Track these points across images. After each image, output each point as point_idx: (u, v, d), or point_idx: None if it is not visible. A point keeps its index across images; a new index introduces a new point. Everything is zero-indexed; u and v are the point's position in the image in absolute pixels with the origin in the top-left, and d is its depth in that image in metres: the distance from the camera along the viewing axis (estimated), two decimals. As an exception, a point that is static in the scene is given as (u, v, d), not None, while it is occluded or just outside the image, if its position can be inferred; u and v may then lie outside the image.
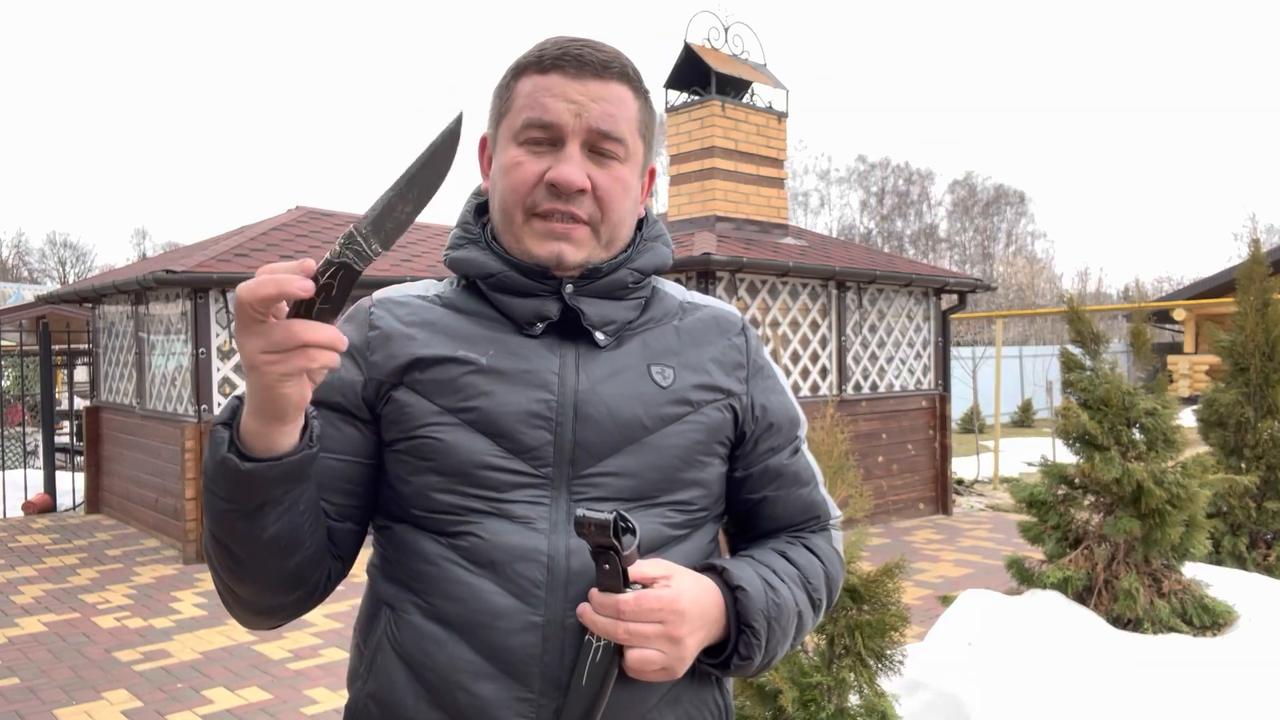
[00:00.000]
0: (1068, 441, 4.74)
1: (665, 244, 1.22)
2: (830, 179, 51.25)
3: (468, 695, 1.03)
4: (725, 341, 1.21)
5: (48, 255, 46.77)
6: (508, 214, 1.12)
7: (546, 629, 1.04)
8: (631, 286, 1.16)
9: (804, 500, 1.25)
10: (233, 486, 0.96)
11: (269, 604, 1.09)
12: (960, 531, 8.42)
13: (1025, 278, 38.20)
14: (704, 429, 1.14)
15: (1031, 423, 19.44)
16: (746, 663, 1.09)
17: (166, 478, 7.75)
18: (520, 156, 1.10)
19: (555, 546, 1.05)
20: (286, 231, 8.73)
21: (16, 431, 13.12)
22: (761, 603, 1.09)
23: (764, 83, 8.79)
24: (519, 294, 1.12)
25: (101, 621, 5.70)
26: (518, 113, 1.11)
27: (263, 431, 0.95)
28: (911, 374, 9.27)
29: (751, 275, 7.71)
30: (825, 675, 2.66)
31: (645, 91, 1.17)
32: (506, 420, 1.07)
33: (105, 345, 9.49)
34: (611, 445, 1.09)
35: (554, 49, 1.11)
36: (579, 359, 1.12)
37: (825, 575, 1.22)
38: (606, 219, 1.11)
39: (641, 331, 1.17)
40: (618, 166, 1.11)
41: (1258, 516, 5.62)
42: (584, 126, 1.09)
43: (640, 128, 1.15)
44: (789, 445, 1.24)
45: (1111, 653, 3.86)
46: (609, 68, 1.11)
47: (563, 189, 1.08)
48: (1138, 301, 26.10)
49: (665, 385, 1.13)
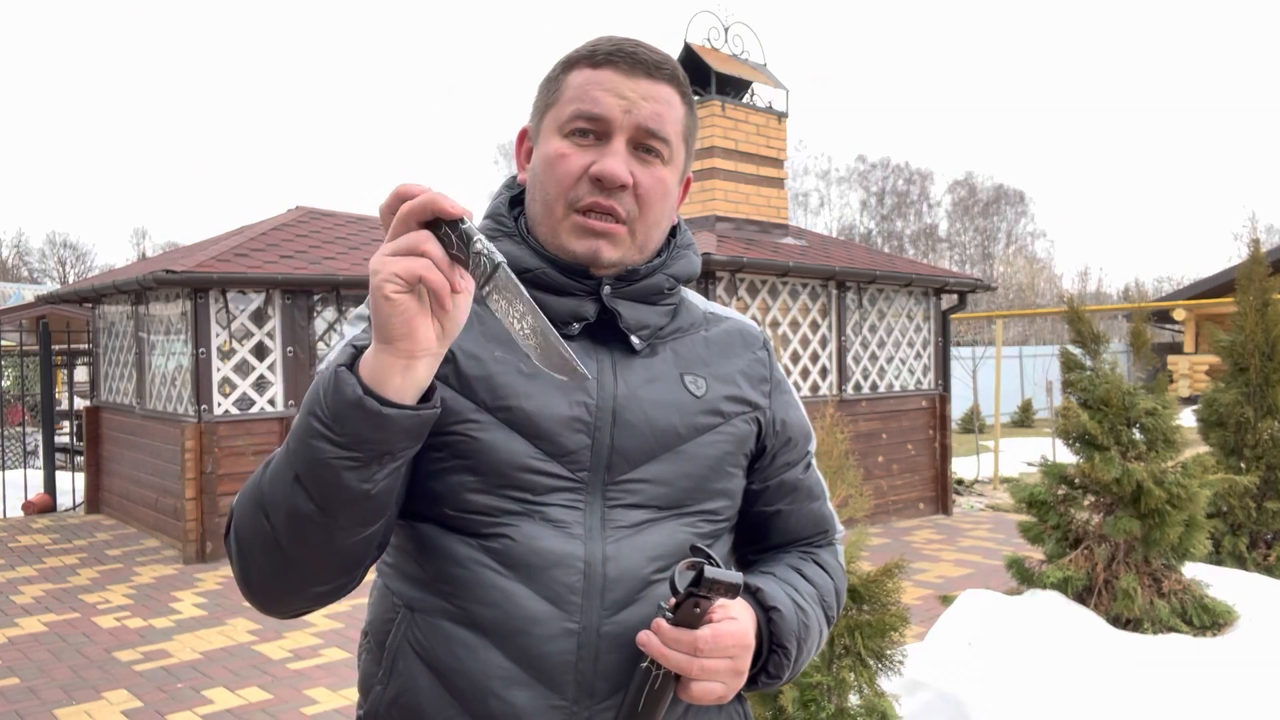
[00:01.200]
0: (1068, 441, 4.74)
1: (695, 253, 1.23)
2: (830, 179, 51.34)
3: (500, 702, 1.01)
4: (750, 355, 1.22)
5: (48, 255, 46.84)
6: (549, 206, 1.10)
7: (582, 636, 1.02)
8: (666, 292, 1.16)
9: (815, 515, 1.27)
10: (365, 429, 0.89)
11: (315, 582, 1.01)
12: (960, 531, 8.42)
13: (1025, 278, 38.21)
14: (733, 440, 1.15)
15: (1031, 423, 19.44)
16: (773, 681, 1.10)
17: (166, 478, 7.75)
18: (565, 148, 1.09)
19: (592, 553, 1.04)
20: (286, 231, 8.72)
21: (16, 431, 13.12)
22: (793, 624, 1.10)
23: (764, 83, 8.79)
24: (556, 292, 1.10)
25: (101, 621, 5.70)
26: (565, 104, 1.10)
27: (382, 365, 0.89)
28: (911, 374, 9.27)
29: (751, 275, 7.71)
30: (825, 675, 2.66)
31: (691, 99, 1.17)
32: (547, 422, 1.06)
33: (105, 345, 9.49)
34: (648, 452, 1.09)
35: (608, 45, 1.10)
36: (615, 364, 1.11)
37: (836, 592, 1.24)
38: (644, 218, 1.11)
39: (672, 340, 1.17)
40: (660, 167, 1.11)
41: (1258, 516, 5.62)
42: (632, 123, 1.08)
43: (684, 132, 1.15)
44: (802, 460, 1.25)
45: (1111, 653, 3.86)
46: (661, 68, 1.11)
47: (607, 182, 1.06)
48: (1138, 301, 26.13)
49: (699, 395, 1.13)
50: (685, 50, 8.42)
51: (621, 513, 1.07)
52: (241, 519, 1.00)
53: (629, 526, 1.07)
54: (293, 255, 7.98)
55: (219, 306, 7.36)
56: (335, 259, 8.13)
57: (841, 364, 8.48)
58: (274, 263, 7.63)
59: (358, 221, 9.71)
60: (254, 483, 1.00)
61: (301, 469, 0.93)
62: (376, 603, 1.14)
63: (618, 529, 1.06)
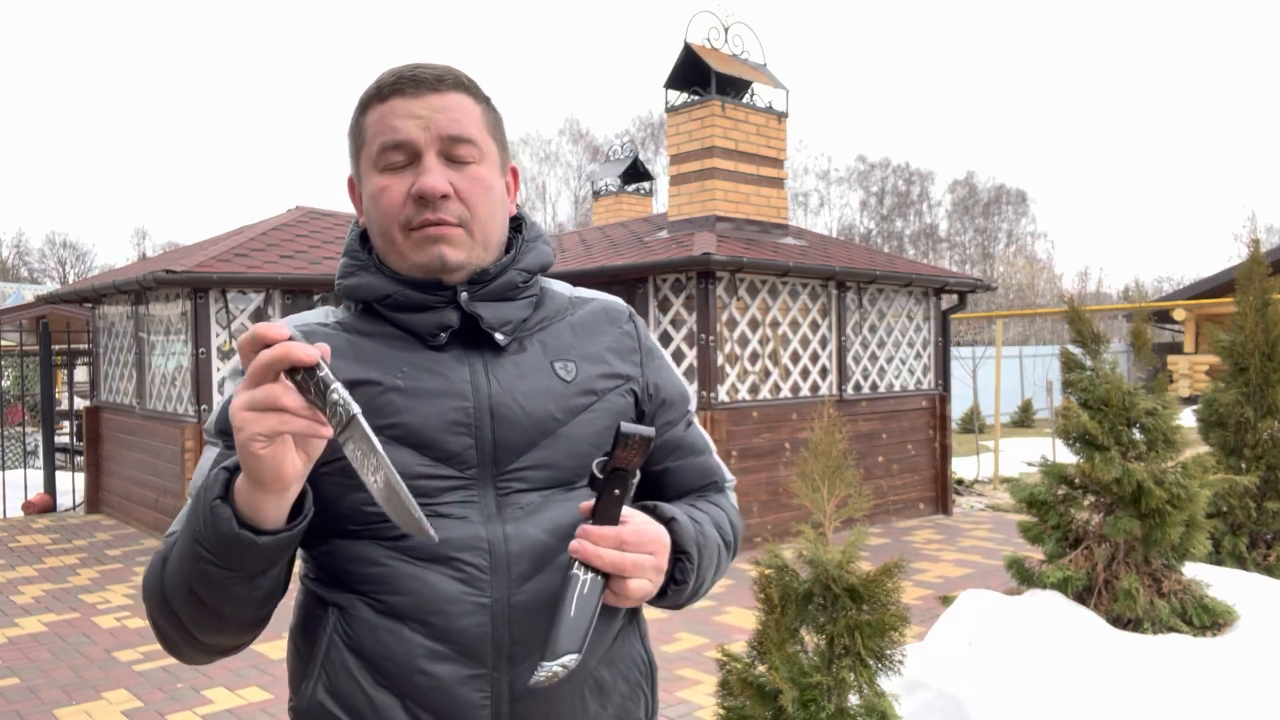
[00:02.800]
0: (1068, 441, 4.74)
1: (545, 243, 1.29)
2: (830, 179, 51.35)
3: (425, 677, 1.10)
4: (616, 330, 1.30)
5: (48, 255, 46.81)
6: (388, 235, 1.17)
7: (495, 608, 1.11)
8: (521, 286, 1.22)
9: (702, 467, 1.36)
10: (246, 558, 0.99)
11: (235, 644, 1.14)
12: (960, 531, 8.42)
13: (1025, 278, 38.21)
14: (610, 414, 1.22)
15: (1031, 423, 19.44)
16: (681, 587, 1.16)
17: (166, 477, 7.75)
18: (384, 180, 1.16)
19: (493, 533, 1.12)
20: (286, 231, 8.73)
21: (16, 431, 13.12)
22: (691, 533, 1.17)
23: (764, 83, 8.79)
24: (417, 309, 1.18)
25: (101, 621, 5.70)
26: (372, 141, 1.17)
27: (255, 500, 0.97)
28: (911, 374, 9.27)
29: (751, 275, 7.71)
30: (825, 675, 2.66)
31: (485, 97, 1.23)
32: (429, 431, 1.13)
33: (105, 345, 9.49)
34: (529, 441, 1.16)
35: (389, 77, 1.17)
36: (486, 365, 1.18)
37: (730, 522, 1.33)
38: (475, 217, 1.17)
39: (538, 332, 1.24)
40: (474, 168, 1.17)
41: (1258, 516, 5.62)
42: (434, 136, 1.15)
43: (489, 129, 1.21)
44: (682, 419, 1.34)
45: (1111, 653, 3.86)
46: (443, 80, 1.17)
47: (428, 197, 1.13)
48: (1138, 301, 26.13)
49: (569, 380, 1.21)
50: (685, 50, 8.42)
51: (515, 497, 1.15)
52: (151, 611, 1.12)
53: (523, 508, 1.15)
54: (293, 255, 7.98)
55: (219, 306, 7.37)
56: (335, 259, 8.13)
57: (841, 364, 8.49)
58: (274, 263, 7.64)
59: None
60: (156, 578, 1.10)
61: (194, 583, 1.03)
62: (301, 605, 1.22)
63: (514, 510, 1.14)
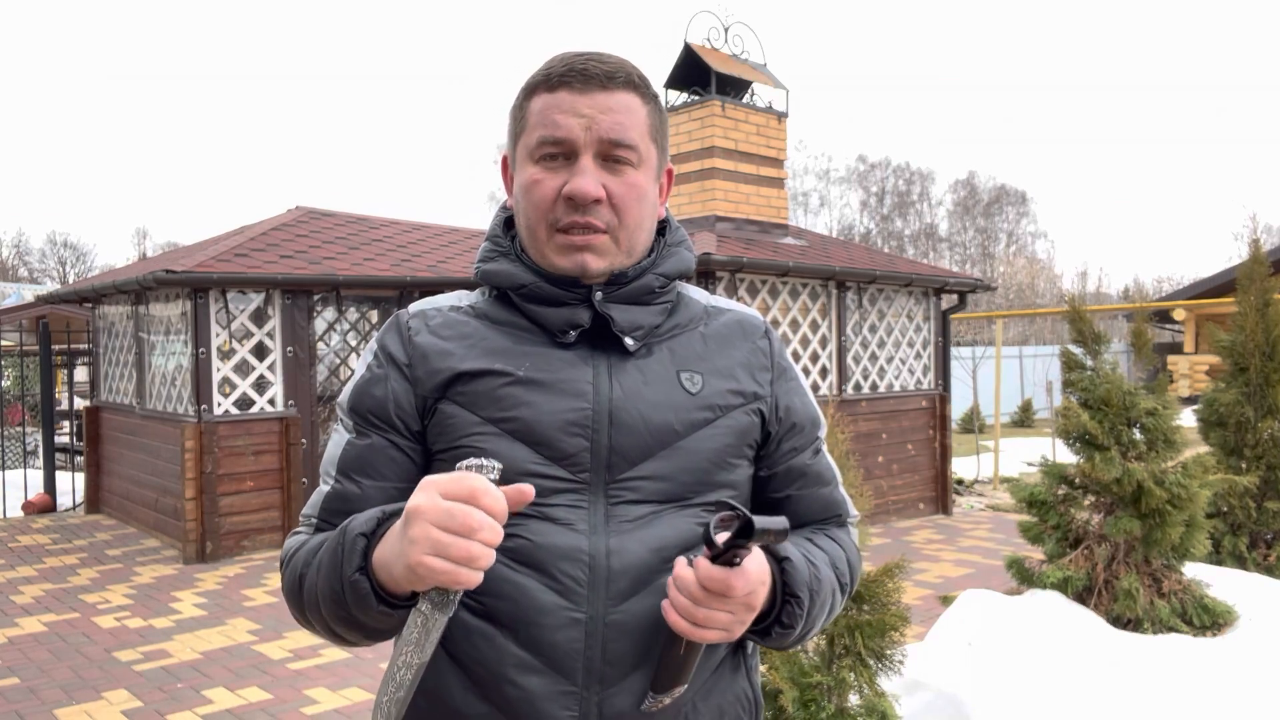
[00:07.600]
0: (1068, 441, 4.74)
1: (688, 249, 1.26)
2: (830, 179, 51.22)
3: (515, 688, 1.08)
4: (750, 345, 1.25)
5: (48, 255, 46.82)
6: (532, 230, 1.17)
7: (589, 625, 1.08)
8: (658, 291, 1.20)
9: (826, 499, 1.30)
10: (381, 620, 1.01)
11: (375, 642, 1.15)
12: (960, 531, 8.42)
13: (1025, 278, 38.18)
14: (733, 433, 1.18)
15: (1031, 423, 19.44)
16: (787, 631, 1.12)
17: (166, 478, 7.75)
18: (537, 174, 1.15)
19: (596, 546, 1.09)
20: (286, 231, 8.72)
21: (16, 431, 13.12)
22: (805, 575, 1.12)
23: (764, 83, 8.79)
24: (551, 303, 1.16)
25: (101, 621, 5.70)
26: (531, 131, 1.15)
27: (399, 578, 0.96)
28: (911, 374, 9.26)
29: (751, 275, 7.71)
30: (825, 675, 2.67)
31: (654, 96, 1.20)
32: (546, 429, 1.11)
33: (105, 345, 9.49)
34: (645, 450, 1.13)
35: (560, 66, 1.15)
36: (611, 368, 1.16)
37: (849, 562, 1.27)
38: (624, 224, 1.15)
39: (668, 339, 1.21)
40: (631, 173, 1.15)
41: (1258, 516, 5.62)
42: (595, 138, 1.13)
43: (651, 132, 1.18)
44: (810, 446, 1.28)
45: (1111, 653, 3.86)
46: (614, 78, 1.15)
47: (579, 200, 1.12)
48: (1138, 301, 26.12)
49: (695, 392, 1.17)
50: (685, 50, 8.42)
51: (624, 508, 1.11)
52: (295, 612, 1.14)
53: (632, 521, 1.11)
54: (293, 255, 7.98)
55: (219, 306, 7.36)
56: (335, 259, 8.13)
57: (841, 364, 8.48)
58: (274, 263, 7.64)
59: (358, 221, 9.72)
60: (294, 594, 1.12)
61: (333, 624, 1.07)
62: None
63: (621, 523, 1.11)
